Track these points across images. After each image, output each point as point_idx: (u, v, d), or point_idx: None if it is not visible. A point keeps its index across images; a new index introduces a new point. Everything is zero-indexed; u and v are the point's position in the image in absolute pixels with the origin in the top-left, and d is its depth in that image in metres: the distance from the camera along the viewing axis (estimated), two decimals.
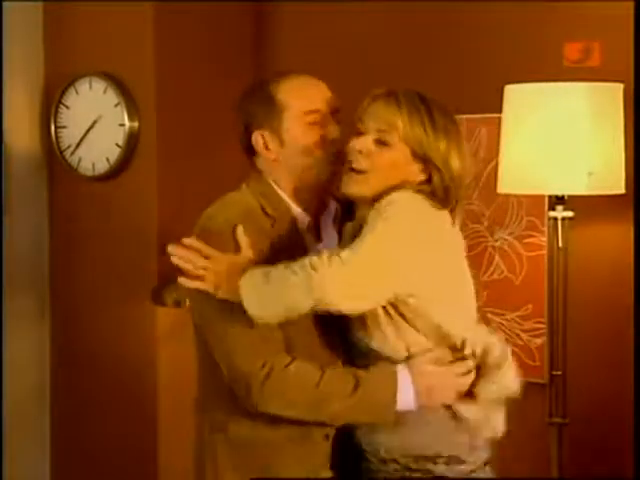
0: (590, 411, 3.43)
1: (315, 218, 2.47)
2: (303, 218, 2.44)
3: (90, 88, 4.02)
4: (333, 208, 2.50)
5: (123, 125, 3.95)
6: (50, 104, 4.13)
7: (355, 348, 2.37)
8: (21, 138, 4.14)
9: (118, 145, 3.96)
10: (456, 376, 2.34)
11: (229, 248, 2.30)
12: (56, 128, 4.12)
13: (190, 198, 3.77)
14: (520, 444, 3.40)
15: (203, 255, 2.28)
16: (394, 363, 2.33)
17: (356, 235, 2.25)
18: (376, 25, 3.88)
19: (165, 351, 3.91)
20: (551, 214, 3.26)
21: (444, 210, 2.31)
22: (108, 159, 4.00)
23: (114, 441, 4.07)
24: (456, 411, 2.35)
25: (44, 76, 4.17)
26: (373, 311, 2.28)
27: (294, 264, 2.18)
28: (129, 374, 4.00)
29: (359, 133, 2.34)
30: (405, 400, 2.31)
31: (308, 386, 2.30)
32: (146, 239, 3.93)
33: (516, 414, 2.47)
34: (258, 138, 2.44)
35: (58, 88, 4.09)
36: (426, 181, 2.32)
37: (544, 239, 3.47)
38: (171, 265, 2.33)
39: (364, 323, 2.31)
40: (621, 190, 3.19)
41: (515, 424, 2.49)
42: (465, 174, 2.35)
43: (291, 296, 2.16)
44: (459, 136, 2.36)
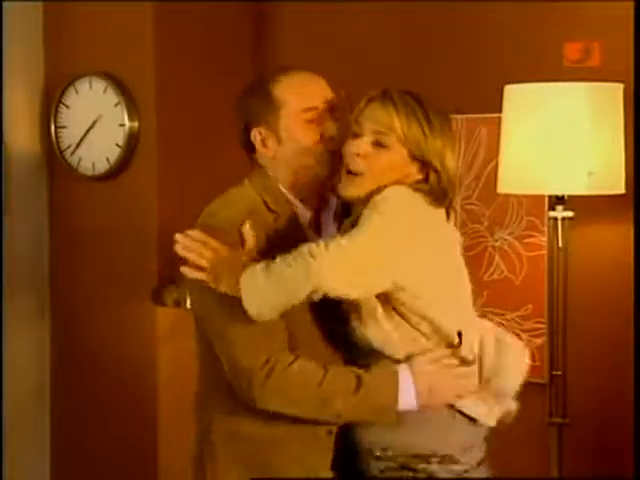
0: (590, 411, 3.43)
1: (316, 213, 2.48)
2: (304, 213, 2.45)
3: (90, 88, 4.02)
4: (334, 204, 2.49)
5: (123, 125, 3.95)
6: (50, 104, 4.13)
7: (356, 348, 2.36)
8: (21, 138, 4.14)
9: (118, 145, 3.96)
10: (456, 377, 2.34)
11: (232, 244, 2.30)
12: (56, 128, 4.12)
13: (190, 198, 3.75)
14: (520, 444, 3.41)
15: (208, 248, 2.28)
16: (394, 362, 2.33)
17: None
18: (376, 25, 3.88)
19: (165, 351, 3.91)
20: (551, 214, 3.26)
21: (439, 207, 2.32)
22: (108, 159, 4.00)
23: (114, 441, 4.06)
24: (460, 408, 2.35)
25: (44, 76, 4.17)
26: (370, 305, 2.29)
27: (292, 253, 2.19)
28: (129, 374, 4.00)
29: (355, 135, 2.34)
30: (406, 400, 2.31)
31: (311, 385, 2.30)
32: (146, 239, 3.93)
33: (516, 414, 2.47)
34: (256, 135, 2.44)
35: (58, 88, 4.09)
36: (423, 180, 2.33)
37: (544, 239, 3.47)
38: (171, 265, 2.33)
39: (361, 319, 2.31)
40: (621, 190, 3.19)
41: (515, 424, 2.49)
42: (458, 173, 2.38)
43: (290, 284, 2.17)
44: (453, 135, 2.38)
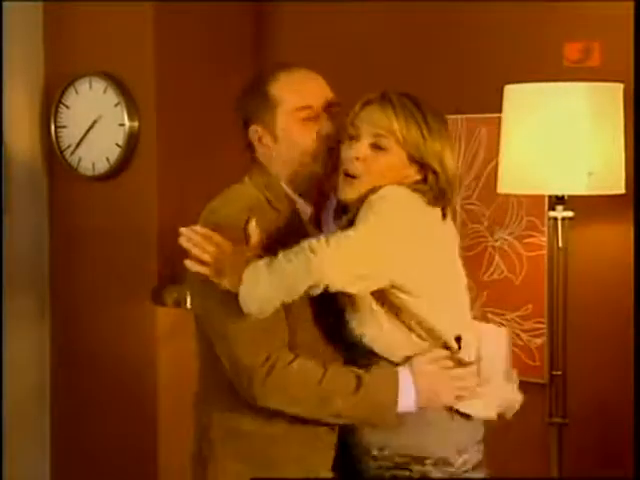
0: (590, 411, 3.43)
1: (316, 209, 2.48)
2: (305, 209, 2.45)
3: (90, 88, 4.02)
4: (335, 201, 2.48)
5: (123, 125, 3.95)
6: (50, 104, 4.13)
7: (356, 348, 2.36)
8: (21, 138, 4.14)
9: (118, 145, 3.96)
10: (455, 378, 2.34)
11: (234, 240, 2.29)
12: (56, 128, 4.12)
13: (190, 198, 3.75)
14: (520, 444, 3.41)
15: (212, 243, 2.28)
16: (392, 363, 2.33)
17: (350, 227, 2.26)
18: (376, 25, 3.88)
19: (165, 351, 3.91)
20: (551, 214, 3.26)
21: (435, 207, 2.31)
22: (108, 159, 4.00)
23: (114, 441, 4.07)
24: (455, 407, 2.35)
25: (44, 76, 4.17)
26: (366, 304, 2.29)
27: (293, 249, 2.19)
28: (129, 374, 4.00)
29: (352, 137, 2.34)
30: (406, 400, 2.30)
31: (311, 383, 2.29)
32: (146, 239, 3.93)
33: (516, 414, 2.47)
34: (254, 133, 2.45)
35: (58, 88, 4.09)
36: (421, 181, 2.32)
37: (544, 239, 3.47)
38: (171, 265, 2.33)
39: (359, 318, 2.31)
40: (621, 190, 3.19)
41: (515, 424, 2.49)
42: (457, 173, 2.37)
43: (291, 279, 2.17)
44: (450, 136, 2.38)
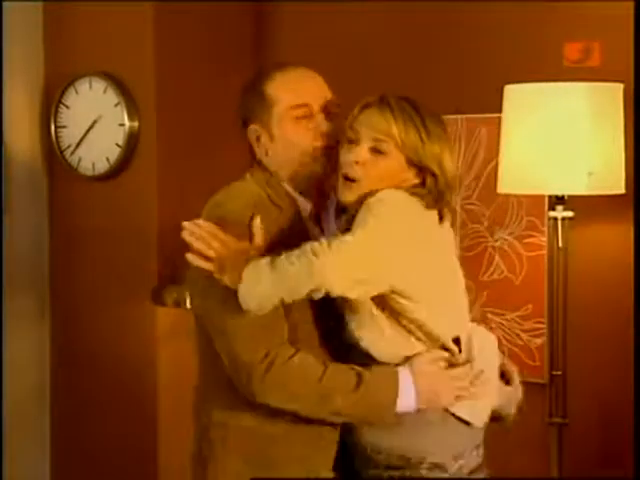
0: (590, 411, 3.43)
1: (316, 206, 2.47)
2: (305, 206, 2.45)
3: (90, 88, 4.02)
4: (335, 200, 2.47)
5: (123, 125, 3.95)
6: (50, 104, 4.12)
7: (356, 350, 2.36)
8: (21, 138, 4.14)
9: (118, 145, 3.96)
10: (455, 379, 2.34)
11: (238, 236, 2.29)
12: (56, 128, 4.12)
13: (190, 198, 3.74)
14: (520, 444, 3.41)
15: (216, 239, 2.28)
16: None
17: (349, 228, 2.25)
18: (376, 25, 3.88)
19: (165, 351, 3.91)
20: (551, 214, 3.26)
21: (433, 209, 2.31)
22: (108, 159, 4.00)
23: (114, 441, 4.06)
24: (451, 410, 2.35)
25: (44, 76, 4.17)
26: (365, 308, 2.29)
27: (295, 251, 2.19)
28: (129, 374, 4.00)
29: (350, 141, 2.34)
30: (406, 400, 2.30)
31: (311, 380, 2.28)
32: (146, 239, 3.93)
33: (516, 414, 2.47)
34: (252, 132, 2.45)
35: (58, 88, 4.09)
36: (419, 184, 2.32)
37: (544, 239, 3.47)
38: (171, 265, 2.33)
39: (357, 321, 2.31)
40: (621, 190, 3.19)
41: (515, 424, 2.49)
42: (457, 175, 2.37)
43: (293, 281, 2.16)
44: (449, 138, 2.37)
